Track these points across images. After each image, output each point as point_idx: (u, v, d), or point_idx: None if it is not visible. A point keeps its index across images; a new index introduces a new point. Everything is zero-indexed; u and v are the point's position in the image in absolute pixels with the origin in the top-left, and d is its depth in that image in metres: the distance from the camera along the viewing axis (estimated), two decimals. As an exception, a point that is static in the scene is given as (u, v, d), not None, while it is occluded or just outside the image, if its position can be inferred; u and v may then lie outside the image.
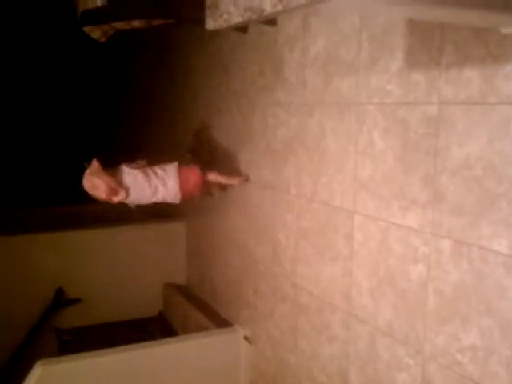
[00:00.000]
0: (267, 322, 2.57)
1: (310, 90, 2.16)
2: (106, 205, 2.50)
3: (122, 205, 2.51)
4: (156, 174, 2.48)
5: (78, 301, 3.20)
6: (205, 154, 2.96)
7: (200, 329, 2.92)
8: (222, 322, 2.93)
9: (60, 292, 3.15)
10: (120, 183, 2.36)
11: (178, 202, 2.54)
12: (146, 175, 2.45)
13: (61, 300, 3.15)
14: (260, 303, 2.62)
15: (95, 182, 2.30)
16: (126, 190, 2.38)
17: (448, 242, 1.57)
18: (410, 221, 1.71)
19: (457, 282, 1.56)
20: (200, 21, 2.04)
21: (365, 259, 1.90)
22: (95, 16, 2.16)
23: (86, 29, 2.30)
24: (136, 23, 2.22)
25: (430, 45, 1.59)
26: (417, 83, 1.66)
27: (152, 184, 2.45)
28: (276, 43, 2.37)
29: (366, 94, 1.86)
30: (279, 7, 0.92)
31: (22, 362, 2.91)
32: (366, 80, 1.86)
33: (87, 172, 2.34)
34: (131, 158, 2.56)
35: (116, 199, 2.38)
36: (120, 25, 2.25)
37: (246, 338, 2.72)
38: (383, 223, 1.81)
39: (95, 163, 2.34)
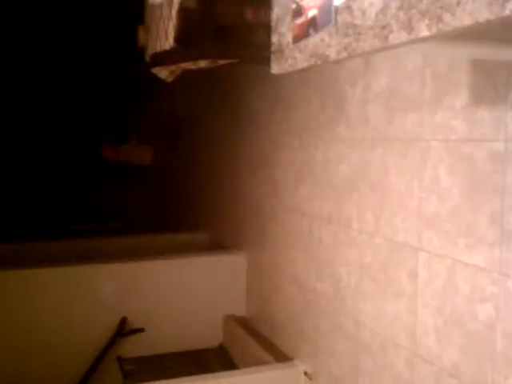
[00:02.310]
0: (328, 358, 2.54)
1: (372, 126, 2.17)
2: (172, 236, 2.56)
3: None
4: None
5: (141, 330, 3.27)
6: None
7: (260, 362, 2.91)
8: (281, 357, 2.91)
9: (124, 321, 3.23)
10: None
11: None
12: None
13: (124, 329, 3.23)
14: (321, 339, 2.60)
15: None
16: None
17: (518, 282, 1.53)
18: (477, 259, 1.67)
19: (528, 325, 1.50)
20: (263, 60, 2.11)
21: (430, 297, 1.87)
22: (164, 58, 2.26)
23: (154, 70, 2.42)
24: (202, 63, 2.31)
25: (495, 82, 1.58)
26: (482, 120, 1.64)
27: None
28: (337, 80, 2.40)
29: (430, 131, 1.85)
30: (344, 54, 0.95)
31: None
32: (430, 116, 1.85)
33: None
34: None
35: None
36: (187, 65, 2.34)
37: (306, 373, 2.69)
38: (449, 261, 1.78)
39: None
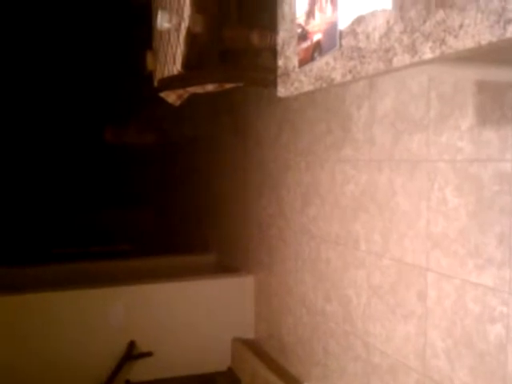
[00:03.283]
0: (338, 381, 2.51)
1: (378, 147, 2.18)
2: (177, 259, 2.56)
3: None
4: None
5: (149, 354, 3.25)
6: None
7: (269, 386, 2.89)
8: (291, 380, 2.89)
9: (132, 345, 3.22)
10: None
11: None
12: None
13: (133, 353, 3.22)
14: (331, 362, 2.58)
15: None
16: None
17: (528, 302, 1.52)
18: (486, 279, 1.66)
19: (539, 345, 1.49)
20: (269, 83, 2.14)
21: (440, 318, 1.85)
22: (171, 82, 2.29)
23: (162, 94, 2.45)
24: (209, 87, 2.34)
25: (501, 102, 1.59)
26: (489, 140, 1.65)
27: None
28: (344, 102, 2.42)
29: (436, 151, 1.86)
30: (349, 77, 0.97)
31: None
32: (437, 137, 1.86)
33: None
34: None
35: None
36: (194, 89, 2.37)
37: (315, 397, 2.67)
38: (458, 281, 1.77)
39: None
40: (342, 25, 0.99)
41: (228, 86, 2.38)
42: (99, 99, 6.00)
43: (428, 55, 0.78)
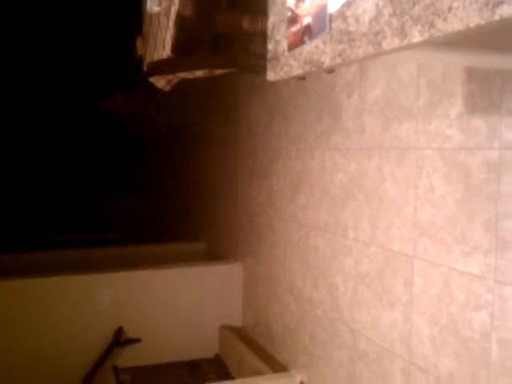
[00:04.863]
0: (324, 368, 2.53)
1: (368, 135, 2.19)
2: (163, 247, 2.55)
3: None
4: None
5: (137, 340, 3.26)
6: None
7: (256, 373, 2.90)
8: (278, 367, 2.90)
9: (120, 331, 3.22)
10: None
11: None
12: None
13: (120, 339, 3.22)
14: (317, 349, 2.59)
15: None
16: None
17: (512, 289, 1.53)
18: (473, 267, 1.67)
19: (523, 332, 1.51)
20: (260, 69, 2.12)
21: (425, 306, 1.87)
22: (161, 67, 2.28)
23: (152, 79, 2.43)
24: (199, 73, 2.32)
25: (489, 90, 1.59)
26: (477, 128, 1.65)
27: None
28: (334, 89, 2.42)
29: (425, 139, 1.87)
30: (338, 60, 0.96)
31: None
32: (425, 125, 1.86)
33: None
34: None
35: None
36: (184, 74, 2.36)
37: (302, 383, 2.68)
38: (444, 269, 1.78)
39: None
40: (332, 8, 0.98)
41: (218, 71, 2.36)
42: (89, 85, 5.96)
43: (417, 38, 0.77)
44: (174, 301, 3.38)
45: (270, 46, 1.25)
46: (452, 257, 1.75)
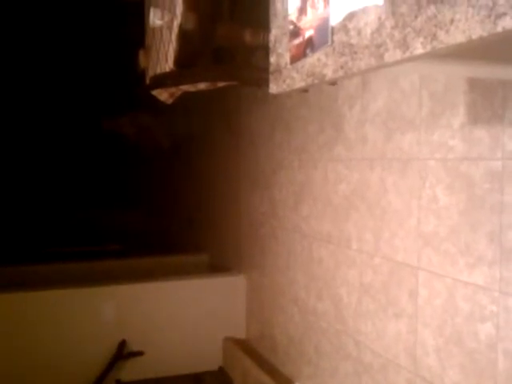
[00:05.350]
0: (329, 380, 2.51)
1: (370, 146, 2.19)
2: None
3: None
4: None
5: (140, 353, 3.24)
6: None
7: (260, 385, 2.88)
8: (283, 379, 2.89)
9: (123, 344, 3.21)
10: None
11: None
12: None
13: (124, 352, 3.20)
14: (322, 361, 2.58)
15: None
16: None
17: (518, 300, 1.52)
18: (477, 278, 1.67)
19: (529, 343, 1.50)
20: (262, 82, 2.13)
21: (430, 317, 1.86)
22: (164, 80, 2.29)
23: (154, 92, 2.44)
24: (201, 85, 2.33)
25: (492, 101, 1.60)
26: (480, 139, 1.65)
27: None
28: (336, 101, 2.42)
29: (428, 150, 1.87)
30: (340, 73, 0.97)
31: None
32: (428, 136, 1.87)
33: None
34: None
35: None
36: (186, 87, 2.37)
37: (307, 396, 2.67)
38: (449, 280, 1.77)
39: None
40: (334, 21, 0.99)
41: (220, 84, 2.37)
42: (93, 103, 5.99)
43: (419, 50, 0.78)
44: (177, 313, 3.37)
45: (273, 59, 1.25)
46: (456, 268, 1.74)
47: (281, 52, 1.21)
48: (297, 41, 1.12)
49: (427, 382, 1.88)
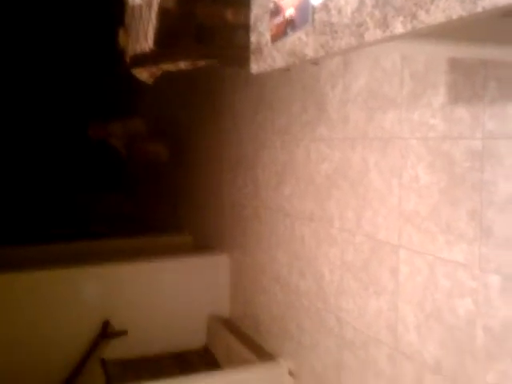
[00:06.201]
0: (311, 356, 2.55)
1: (352, 125, 2.19)
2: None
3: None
4: None
5: (124, 333, 3.25)
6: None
7: (244, 362, 2.92)
8: (265, 356, 2.92)
9: (107, 324, 3.21)
10: None
11: None
12: None
13: (108, 332, 3.21)
14: (304, 337, 2.61)
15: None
16: None
17: (496, 277, 1.55)
18: (457, 255, 1.69)
19: (506, 318, 1.53)
20: (243, 62, 2.12)
21: (411, 294, 1.89)
22: (144, 59, 2.26)
23: (135, 71, 2.41)
24: (181, 65, 2.31)
25: (473, 80, 1.60)
26: (460, 118, 1.66)
27: None
28: (318, 81, 2.41)
29: (409, 129, 1.88)
30: (321, 52, 0.96)
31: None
32: (409, 115, 1.87)
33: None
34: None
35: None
36: (167, 66, 2.34)
37: (290, 372, 2.70)
38: (429, 257, 1.80)
39: None
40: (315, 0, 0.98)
41: (200, 64, 2.35)
42: (83, 94, 5.92)
43: (399, 30, 0.77)
44: (161, 293, 3.38)
45: (253, 38, 1.24)
46: (437, 245, 1.77)
47: (261, 31, 1.20)
48: (277, 20, 1.11)
49: (408, 358, 1.91)
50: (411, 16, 0.75)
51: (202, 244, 3.94)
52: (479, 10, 0.64)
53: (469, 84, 1.62)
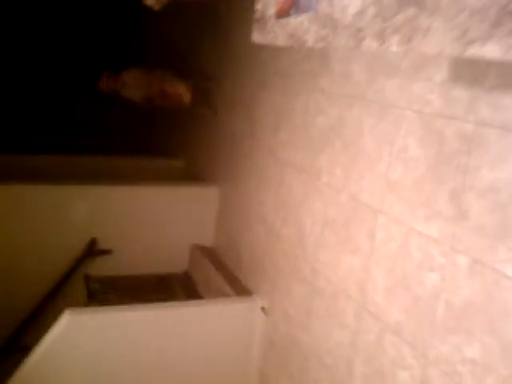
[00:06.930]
0: (284, 298, 2.67)
1: (353, 83, 2.18)
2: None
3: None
4: None
5: (109, 252, 3.36)
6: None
7: (221, 294, 3.05)
8: (242, 290, 3.05)
9: (93, 242, 3.31)
10: None
11: None
12: None
13: (93, 249, 3.32)
14: (280, 280, 2.72)
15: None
16: None
17: (465, 258, 1.62)
18: (432, 230, 1.75)
19: (467, 297, 1.61)
20: None
21: (384, 258, 1.97)
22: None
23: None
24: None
25: (475, 64, 1.60)
26: (457, 98, 1.67)
27: None
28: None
29: (406, 99, 1.88)
30: (320, 44, 0.97)
31: (52, 305, 3.13)
32: (409, 85, 1.87)
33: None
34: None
35: None
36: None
37: (262, 308, 2.84)
38: (406, 228, 1.86)
39: None
40: (321, -12, 0.97)
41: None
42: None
43: (394, 47, 0.79)
44: (148, 217, 3.46)
45: (259, 6, 1.23)
46: (414, 217, 1.82)
47: (267, 1, 1.19)
48: (284, -5, 1.10)
49: (373, 316, 2.02)
50: (407, 39, 0.76)
51: (195, 171, 3.98)
52: (467, 55, 0.65)
53: (471, 66, 1.62)
